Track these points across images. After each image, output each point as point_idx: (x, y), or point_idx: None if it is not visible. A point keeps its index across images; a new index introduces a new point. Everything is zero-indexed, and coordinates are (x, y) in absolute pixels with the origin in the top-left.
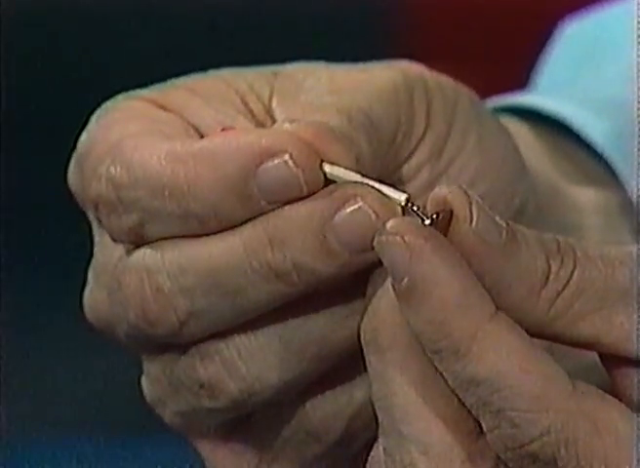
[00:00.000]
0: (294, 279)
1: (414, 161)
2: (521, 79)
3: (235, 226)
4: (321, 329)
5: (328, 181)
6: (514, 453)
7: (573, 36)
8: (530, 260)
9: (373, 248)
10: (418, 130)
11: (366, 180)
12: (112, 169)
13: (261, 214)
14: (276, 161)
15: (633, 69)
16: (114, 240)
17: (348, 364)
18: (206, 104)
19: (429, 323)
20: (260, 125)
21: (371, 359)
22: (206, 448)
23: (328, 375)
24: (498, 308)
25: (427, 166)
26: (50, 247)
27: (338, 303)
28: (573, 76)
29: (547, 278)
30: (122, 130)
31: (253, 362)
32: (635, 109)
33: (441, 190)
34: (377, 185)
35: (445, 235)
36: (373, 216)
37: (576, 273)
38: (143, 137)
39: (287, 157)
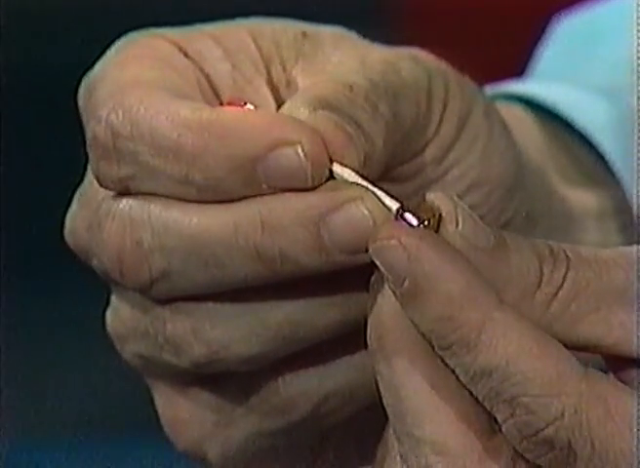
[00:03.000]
0: (276, 266)
1: (415, 163)
2: (516, 69)
3: (230, 201)
4: (298, 313)
5: (329, 178)
6: (530, 442)
7: (566, 30)
8: (521, 264)
9: (365, 251)
10: (429, 131)
11: (366, 184)
12: (113, 116)
13: (259, 195)
14: (288, 150)
15: (631, 65)
16: (99, 183)
17: (326, 349)
18: (226, 58)
19: (437, 320)
20: (274, 90)
21: (379, 367)
22: (161, 392)
23: (305, 355)
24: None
25: (427, 169)
26: (50, 247)
27: (319, 293)
28: (566, 68)
29: (540, 281)
30: (135, 71)
31: (222, 330)
32: (635, 111)
33: (429, 196)
34: (375, 190)
35: None
36: (370, 222)
37: (569, 275)
38: (152, 92)
39: (299, 148)
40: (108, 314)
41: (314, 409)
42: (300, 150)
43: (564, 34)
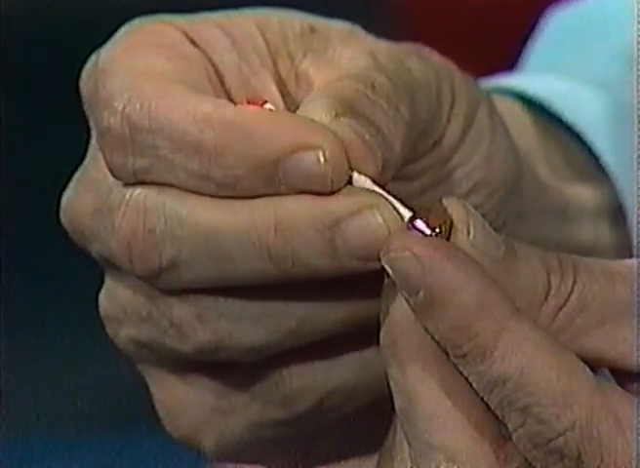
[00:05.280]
0: (287, 266)
1: (422, 162)
2: (509, 63)
3: (247, 198)
4: (306, 308)
5: (346, 183)
6: (540, 451)
7: (558, 24)
8: (529, 275)
9: (377, 259)
10: (437, 132)
11: (381, 192)
12: (130, 108)
13: (276, 195)
14: (310, 154)
15: (624, 58)
16: (112, 174)
17: (334, 344)
18: (233, 48)
19: (453, 330)
20: (280, 82)
21: (392, 372)
22: (157, 378)
23: (312, 349)
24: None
25: (433, 169)
26: (50, 246)
27: (328, 289)
28: (558, 61)
29: (548, 293)
30: (148, 61)
31: (229, 318)
32: (635, 113)
33: (442, 202)
34: (390, 199)
35: None
36: (385, 231)
37: (576, 288)
38: (169, 84)
39: (321, 153)
40: (102, 297)
41: (318, 403)
42: (321, 155)
43: (556, 27)
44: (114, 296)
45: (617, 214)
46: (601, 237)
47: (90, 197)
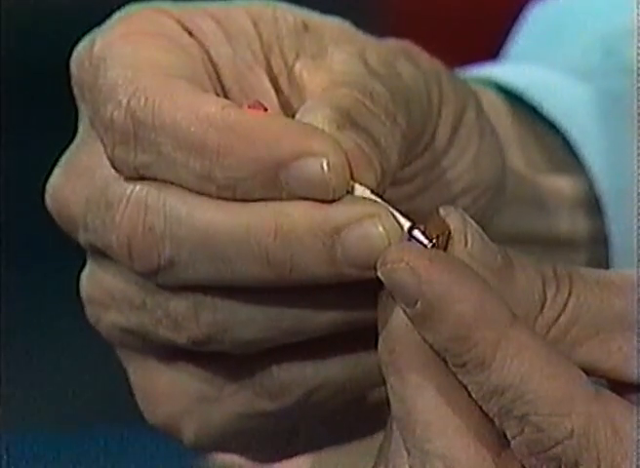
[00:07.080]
0: (285, 272)
1: (412, 167)
2: (490, 54)
3: (248, 201)
4: (301, 310)
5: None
6: (538, 459)
7: (539, 15)
8: (526, 287)
9: (375, 269)
10: (426, 137)
11: (380, 201)
12: (135, 103)
13: (277, 200)
14: (313, 160)
15: (604, 47)
16: (114, 168)
17: (325, 342)
18: (227, 42)
19: (451, 340)
20: (273, 79)
21: (390, 380)
22: (139, 364)
23: (303, 345)
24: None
25: (423, 173)
26: (49, 245)
27: (323, 291)
28: (539, 51)
29: (543, 306)
30: (150, 53)
31: (224, 314)
32: (635, 112)
33: (440, 212)
34: (389, 208)
35: None
36: (385, 241)
37: (571, 300)
38: (173, 81)
39: (324, 161)
40: (85, 281)
41: (304, 398)
42: (324, 163)
43: (537, 19)
44: (100, 282)
45: (593, 204)
46: (578, 228)
47: (82, 185)
